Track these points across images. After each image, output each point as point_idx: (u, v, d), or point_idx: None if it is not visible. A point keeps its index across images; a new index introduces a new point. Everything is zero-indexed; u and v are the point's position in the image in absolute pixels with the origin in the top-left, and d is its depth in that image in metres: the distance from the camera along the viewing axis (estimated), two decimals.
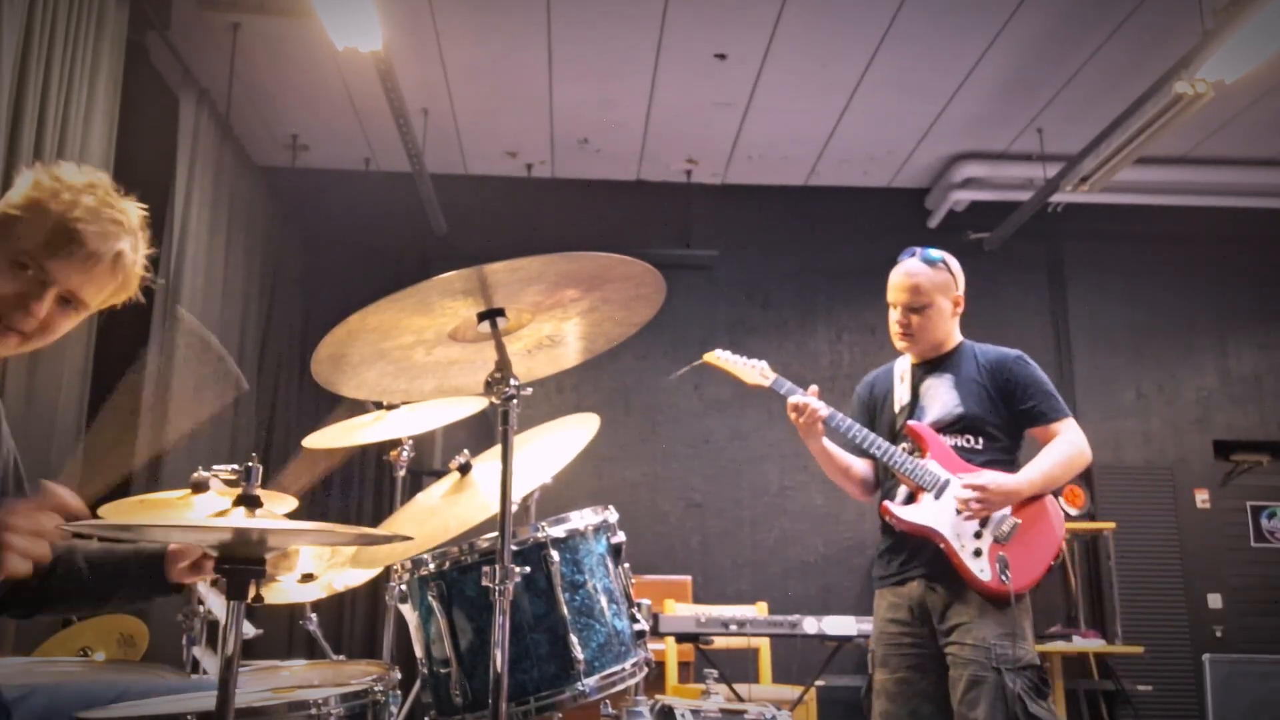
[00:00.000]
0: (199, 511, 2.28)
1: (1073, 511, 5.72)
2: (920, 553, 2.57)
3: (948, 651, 2.47)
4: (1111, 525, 5.70)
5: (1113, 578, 5.76)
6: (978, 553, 2.48)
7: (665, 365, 6.30)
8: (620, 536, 2.06)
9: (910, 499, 2.60)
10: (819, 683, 4.25)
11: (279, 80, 5.27)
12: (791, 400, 2.64)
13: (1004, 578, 2.42)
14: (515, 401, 1.74)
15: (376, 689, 1.71)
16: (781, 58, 5.03)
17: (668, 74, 5.21)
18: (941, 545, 2.51)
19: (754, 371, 2.77)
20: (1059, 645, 5.33)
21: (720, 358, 2.84)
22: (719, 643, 3.95)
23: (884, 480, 2.74)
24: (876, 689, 2.59)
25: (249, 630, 2.82)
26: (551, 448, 2.22)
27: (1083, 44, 4.90)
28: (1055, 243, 6.49)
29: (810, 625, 3.79)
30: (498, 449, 1.75)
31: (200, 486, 2.34)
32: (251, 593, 1.33)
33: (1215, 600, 5.97)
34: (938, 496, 2.54)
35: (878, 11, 4.66)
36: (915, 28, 4.75)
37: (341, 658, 2.99)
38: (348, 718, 1.60)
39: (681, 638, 3.99)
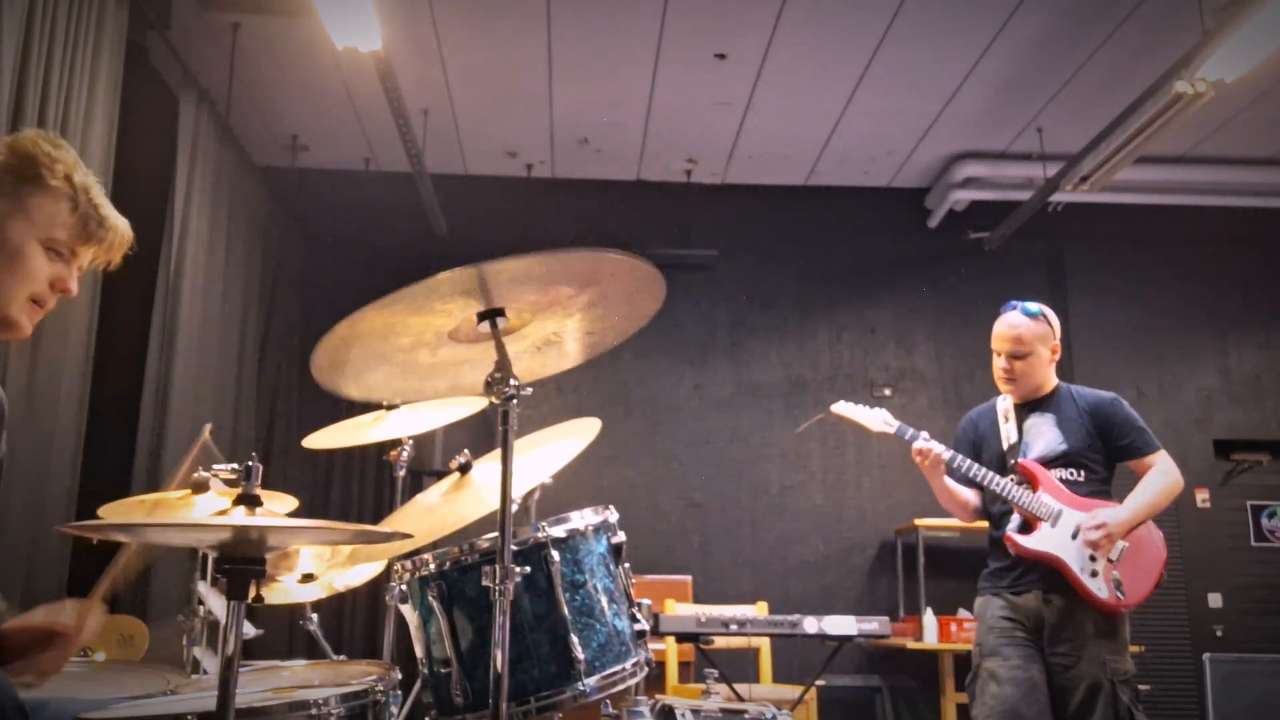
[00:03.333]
0: (199, 511, 2.28)
1: None
2: (1035, 569, 2.83)
3: (1058, 662, 2.73)
4: None
5: None
6: (1094, 574, 2.77)
7: (665, 365, 6.31)
8: (620, 536, 2.06)
9: (1025, 527, 2.85)
10: (819, 682, 4.26)
11: (279, 80, 5.27)
12: (918, 445, 2.90)
13: (1120, 594, 2.74)
14: (515, 401, 1.74)
15: (377, 689, 1.71)
16: (781, 58, 5.03)
17: (668, 74, 5.21)
18: (1061, 570, 2.78)
19: (878, 420, 3.03)
20: None
21: (845, 410, 3.09)
22: (719, 643, 3.95)
23: (990, 506, 2.99)
24: (986, 675, 2.78)
25: (249, 630, 2.82)
26: (551, 451, 2.22)
27: (1083, 43, 4.90)
28: (1055, 242, 6.49)
29: (810, 625, 3.79)
30: (498, 450, 1.75)
31: (200, 487, 2.34)
32: (252, 593, 1.33)
33: (1215, 600, 5.97)
34: (1054, 525, 2.83)
35: (877, 11, 4.65)
36: (915, 28, 4.75)
37: (342, 658, 2.99)
38: (348, 718, 1.60)
39: (682, 638, 3.99)
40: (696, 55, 5.04)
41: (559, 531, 1.94)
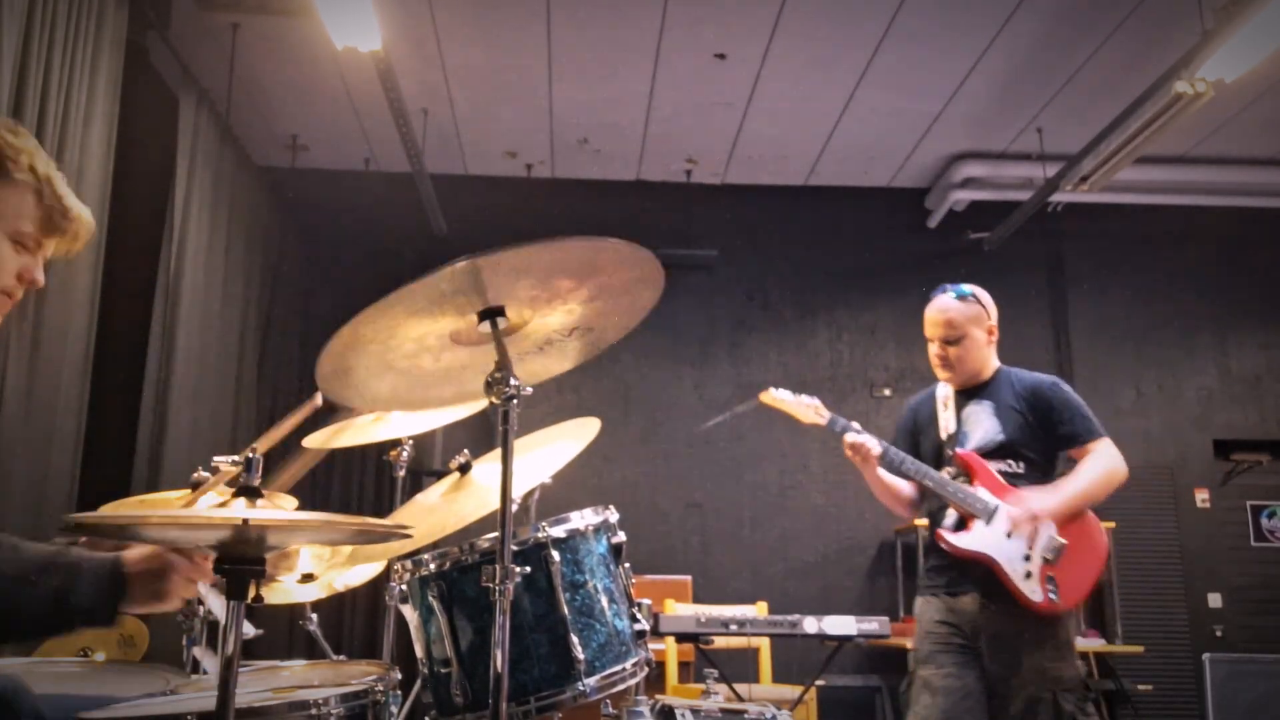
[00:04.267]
0: (199, 511, 2.28)
1: None
2: (973, 569, 2.70)
3: (997, 671, 2.61)
4: (1111, 525, 5.68)
5: (1113, 577, 5.76)
6: (1028, 575, 2.62)
7: (666, 365, 6.31)
8: (620, 536, 2.06)
9: (960, 524, 2.73)
10: (819, 682, 4.26)
11: (279, 80, 5.27)
12: (849, 439, 2.77)
13: (1054, 596, 2.58)
14: (515, 401, 1.74)
15: (377, 689, 1.71)
16: (781, 58, 5.04)
17: (668, 74, 5.21)
18: (994, 570, 2.64)
19: (810, 411, 2.90)
20: None
21: (776, 397, 2.97)
22: (719, 643, 3.95)
23: (927, 500, 2.87)
24: (920, 684, 2.69)
25: (249, 630, 2.81)
26: (551, 451, 2.22)
27: (1082, 44, 4.90)
28: (1055, 242, 6.49)
29: (810, 625, 3.79)
30: (498, 450, 1.75)
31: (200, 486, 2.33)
32: (251, 593, 1.32)
33: (1215, 600, 5.97)
34: (988, 522, 2.68)
35: (878, 11, 4.66)
36: (915, 28, 4.75)
37: (342, 658, 2.98)
38: (348, 718, 1.60)
39: (681, 638, 3.99)
40: (696, 55, 5.04)
41: (559, 531, 1.93)
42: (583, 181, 6.44)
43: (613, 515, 2.07)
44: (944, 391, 2.94)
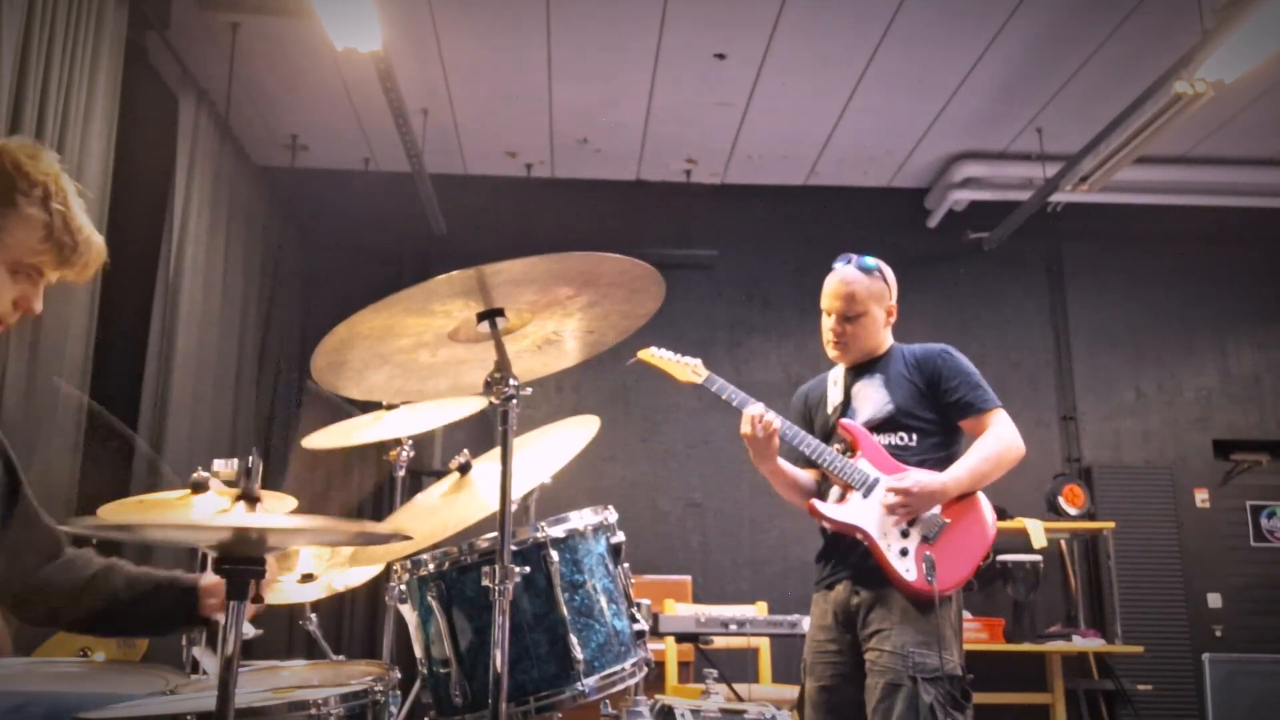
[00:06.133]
0: (199, 512, 2.28)
1: (1072, 511, 5.72)
2: (850, 555, 2.55)
3: (866, 658, 2.44)
4: (1111, 525, 5.70)
5: (1112, 577, 5.76)
6: (904, 552, 2.45)
7: None
8: (620, 536, 2.06)
9: (841, 500, 2.58)
10: None
11: (278, 80, 5.27)
12: (750, 412, 2.58)
13: (929, 578, 2.36)
14: (515, 401, 1.74)
15: (376, 689, 1.71)
16: (781, 58, 5.03)
17: (667, 74, 5.21)
18: (866, 543, 2.49)
19: (686, 369, 2.75)
20: (1059, 645, 5.33)
21: (653, 354, 2.83)
22: (719, 643, 3.94)
23: (820, 484, 2.71)
24: (806, 698, 2.57)
25: (249, 630, 2.82)
26: (550, 451, 2.22)
27: (1082, 43, 4.89)
28: (1055, 242, 6.49)
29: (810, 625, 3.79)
30: (497, 450, 1.75)
31: (200, 487, 2.34)
32: (251, 593, 1.32)
33: (1215, 600, 5.96)
34: (866, 495, 2.52)
35: (877, 11, 4.65)
36: (915, 28, 4.75)
37: (341, 658, 2.99)
38: (348, 718, 1.60)
39: (681, 638, 3.98)
40: (696, 55, 5.04)
41: (558, 531, 1.94)
42: (583, 181, 6.44)
43: (612, 515, 2.07)
44: (836, 371, 2.81)
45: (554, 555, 1.90)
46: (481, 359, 1.83)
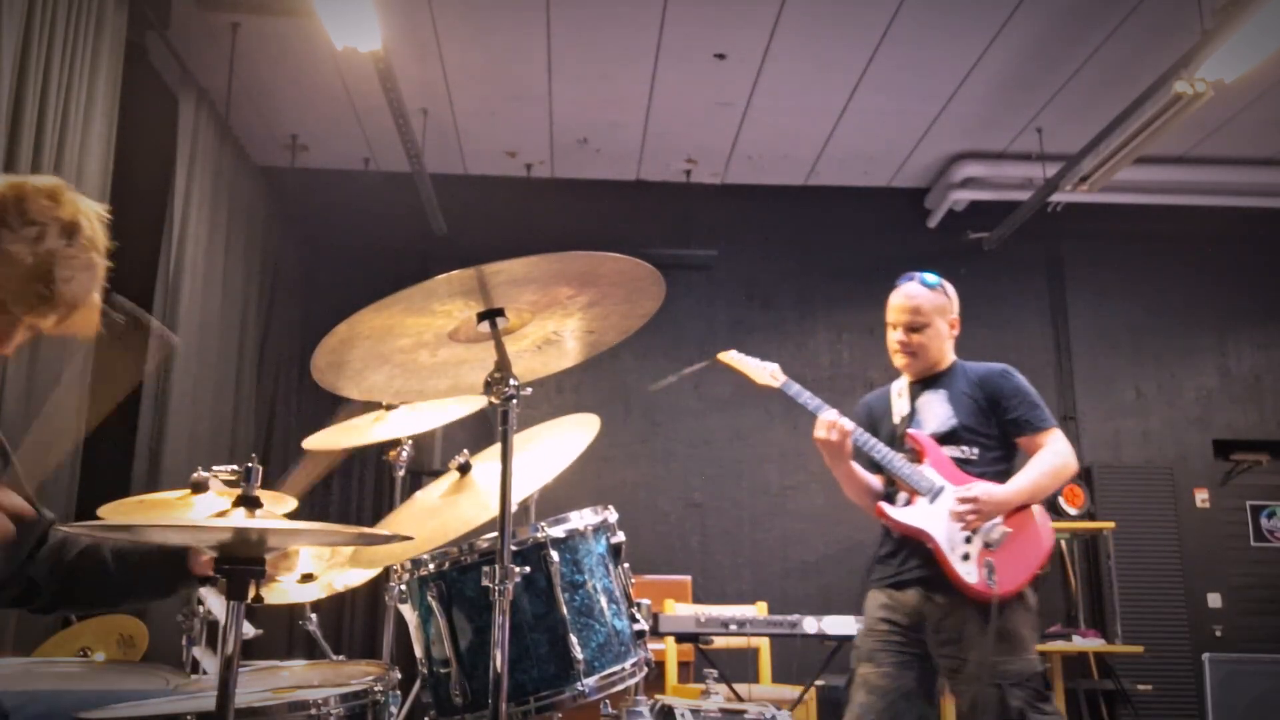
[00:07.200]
0: (198, 512, 2.28)
1: (1072, 511, 5.72)
2: (916, 556, 2.68)
3: (946, 664, 2.59)
4: (1111, 525, 5.70)
5: (1112, 577, 5.76)
6: (966, 557, 2.59)
7: (665, 365, 6.29)
8: (620, 536, 2.06)
9: (907, 504, 2.72)
10: (819, 683, 4.25)
11: (278, 80, 5.27)
12: (825, 417, 2.73)
13: (990, 582, 2.51)
14: (515, 401, 1.74)
15: (376, 689, 1.71)
16: (781, 58, 5.03)
17: (668, 74, 5.21)
18: (930, 547, 2.62)
19: (765, 373, 2.90)
20: (1059, 645, 5.33)
21: (733, 358, 2.98)
22: (719, 643, 3.95)
23: (886, 488, 2.85)
24: (858, 682, 2.67)
25: (249, 630, 2.82)
26: (551, 449, 2.22)
27: (1082, 44, 4.90)
28: (1055, 242, 6.49)
29: (810, 625, 3.79)
30: (497, 448, 1.75)
31: (200, 487, 2.34)
32: (251, 593, 1.32)
33: (1215, 600, 5.96)
34: (932, 501, 2.67)
35: (877, 12, 4.65)
36: (914, 28, 4.75)
37: (341, 658, 2.99)
38: (348, 718, 1.60)
39: (681, 638, 3.99)
40: (696, 55, 5.04)
41: (558, 532, 1.94)
42: (583, 181, 6.44)
43: (612, 515, 2.07)
44: (899, 384, 2.95)
45: (554, 555, 1.90)
46: (481, 359, 1.83)
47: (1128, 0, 4.53)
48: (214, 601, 2.71)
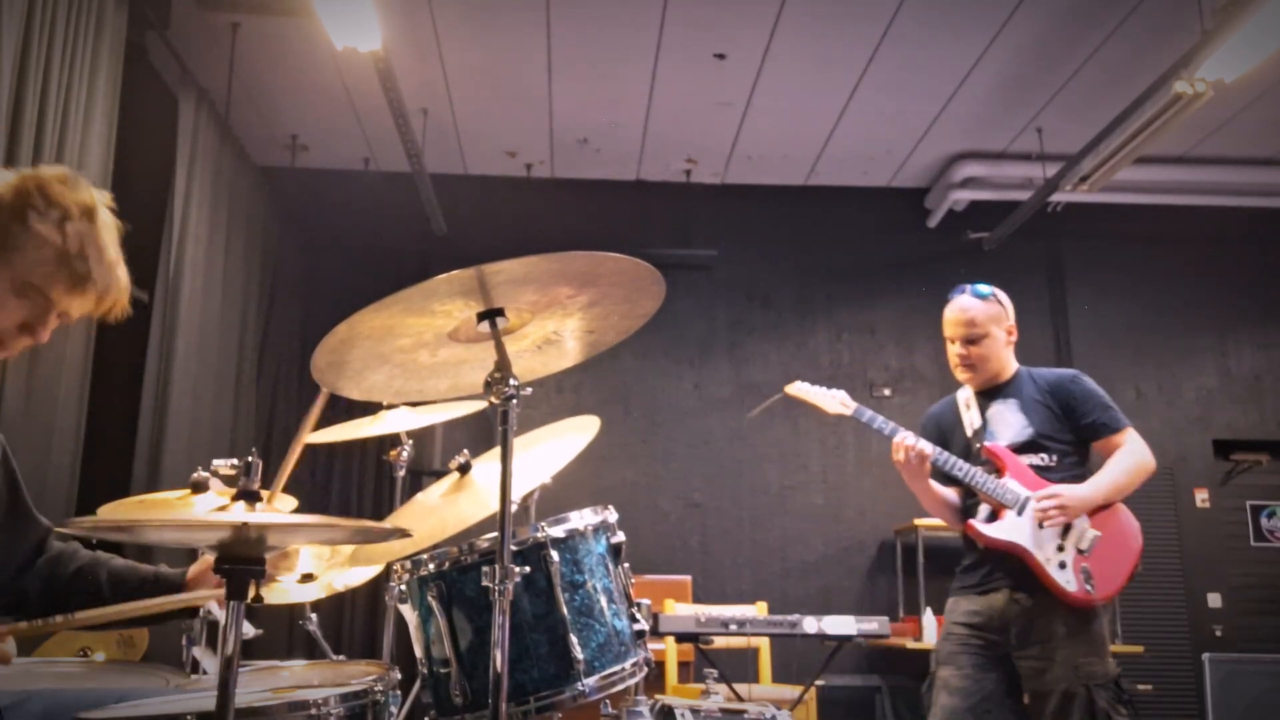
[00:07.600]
0: (199, 512, 2.28)
1: None
2: (1003, 564, 2.68)
3: (1029, 666, 2.59)
4: None
5: None
6: (1062, 565, 2.61)
7: (665, 365, 6.31)
8: (620, 536, 2.06)
9: (992, 517, 2.71)
10: (819, 682, 4.26)
11: (278, 80, 5.27)
12: (901, 441, 2.71)
13: (1089, 588, 2.56)
14: (515, 401, 1.74)
15: (376, 689, 1.71)
16: (781, 58, 5.03)
17: (667, 74, 5.21)
18: (1026, 560, 2.63)
19: (835, 401, 2.87)
20: None
21: (801, 390, 2.94)
22: (719, 643, 3.95)
23: (964, 500, 2.84)
24: (940, 684, 2.68)
25: (249, 630, 2.82)
26: (550, 452, 2.22)
27: (1082, 44, 4.90)
28: (1055, 242, 6.49)
29: (810, 625, 3.79)
30: (497, 450, 1.74)
31: (200, 487, 2.34)
32: (251, 593, 1.32)
33: (1215, 600, 5.97)
34: (1020, 513, 2.67)
35: (877, 12, 4.66)
36: (914, 28, 4.75)
37: (341, 658, 2.99)
38: (348, 718, 1.60)
39: (681, 637, 3.99)
40: (696, 55, 5.04)
41: (558, 531, 1.93)
42: (583, 181, 6.44)
43: (612, 515, 2.07)
44: (965, 394, 2.92)
45: (554, 555, 1.90)
46: (481, 359, 1.82)
47: (1128, 0, 4.53)
48: (213, 602, 2.70)
